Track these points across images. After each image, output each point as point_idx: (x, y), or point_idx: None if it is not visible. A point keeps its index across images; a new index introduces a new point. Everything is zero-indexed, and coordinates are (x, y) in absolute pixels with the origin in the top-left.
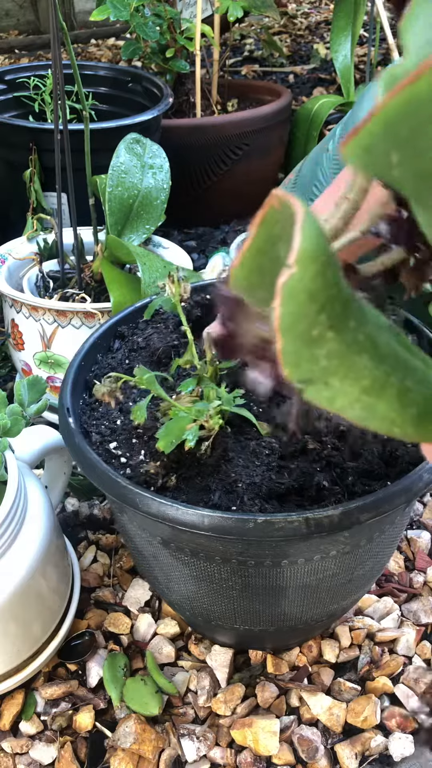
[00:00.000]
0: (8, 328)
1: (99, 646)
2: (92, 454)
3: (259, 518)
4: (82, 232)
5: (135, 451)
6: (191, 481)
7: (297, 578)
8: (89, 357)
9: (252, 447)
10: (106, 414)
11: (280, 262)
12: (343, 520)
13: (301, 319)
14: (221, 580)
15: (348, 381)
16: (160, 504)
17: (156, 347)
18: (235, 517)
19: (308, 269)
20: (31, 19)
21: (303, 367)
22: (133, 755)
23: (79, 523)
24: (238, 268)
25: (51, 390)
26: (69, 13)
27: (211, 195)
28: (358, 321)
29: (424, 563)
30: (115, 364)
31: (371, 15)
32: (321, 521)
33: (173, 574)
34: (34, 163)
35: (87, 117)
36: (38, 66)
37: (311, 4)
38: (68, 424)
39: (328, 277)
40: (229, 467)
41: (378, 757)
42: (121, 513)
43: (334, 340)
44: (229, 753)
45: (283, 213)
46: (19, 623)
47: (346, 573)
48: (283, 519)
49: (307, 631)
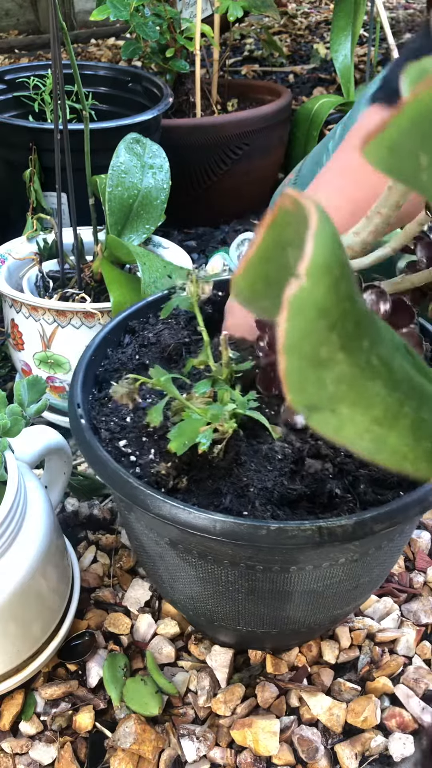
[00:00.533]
0: (8, 328)
1: (99, 646)
2: (102, 452)
3: (273, 525)
4: (82, 232)
5: (145, 450)
6: (202, 483)
7: (304, 584)
8: (99, 351)
9: (264, 451)
10: (116, 410)
11: (289, 270)
12: (357, 530)
13: (309, 337)
14: (228, 583)
15: (358, 409)
16: (172, 507)
17: (167, 343)
18: (248, 523)
19: (320, 281)
20: (31, 19)
21: (308, 391)
22: (133, 755)
23: (79, 523)
24: (242, 274)
25: (51, 390)
26: (69, 13)
27: (211, 195)
28: (372, 341)
29: (424, 563)
30: (125, 360)
31: (371, 15)
32: (334, 530)
33: (179, 574)
34: (34, 163)
35: (87, 117)
36: (38, 66)
37: (311, 4)
38: (78, 420)
39: (342, 291)
40: (241, 471)
41: (378, 757)
42: (129, 512)
43: (345, 362)
44: (229, 753)
45: (296, 215)
46: (19, 623)
47: (353, 580)
48: (297, 527)
49: (309, 633)
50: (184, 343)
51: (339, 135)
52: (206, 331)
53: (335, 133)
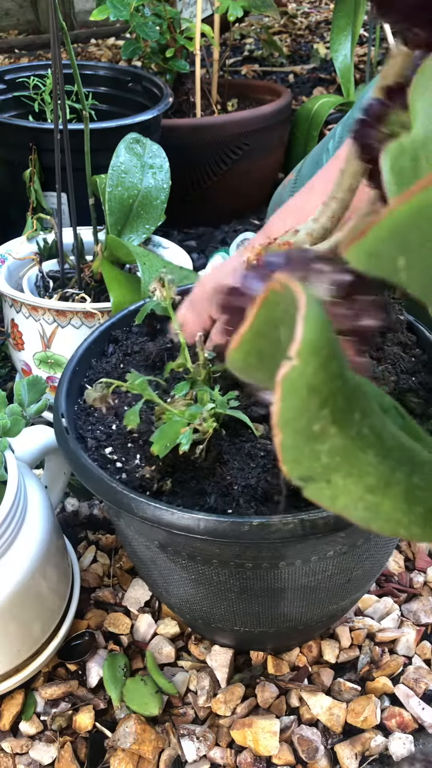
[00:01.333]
0: (8, 328)
1: (99, 646)
2: (87, 460)
3: (255, 521)
4: (82, 232)
5: (131, 456)
6: (187, 484)
7: (295, 579)
8: (83, 362)
9: (247, 449)
10: (102, 419)
11: (281, 346)
12: (339, 521)
13: (302, 414)
14: (219, 583)
15: (351, 479)
16: (156, 509)
17: (150, 351)
18: (230, 520)
19: (311, 362)
20: (31, 19)
21: (304, 464)
22: (133, 755)
23: (79, 523)
24: (236, 349)
25: (51, 390)
26: (69, 13)
27: (212, 195)
28: (363, 412)
29: (424, 563)
30: (109, 369)
31: (371, 15)
32: (316, 522)
33: (172, 577)
34: (34, 163)
35: (87, 117)
36: (38, 66)
37: (311, 4)
38: (63, 430)
39: (332, 370)
40: (225, 470)
41: (378, 757)
42: (118, 518)
43: (338, 435)
44: (229, 753)
45: (285, 296)
46: (19, 623)
47: (345, 573)
48: (279, 521)
49: (308, 631)
50: (167, 349)
51: (339, 135)
52: (182, 334)
53: (335, 133)
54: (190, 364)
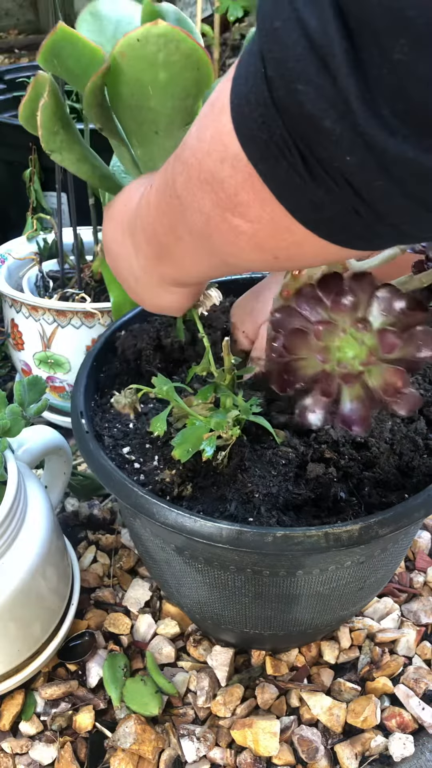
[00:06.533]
0: (8, 327)
1: (99, 646)
2: (108, 462)
3: (279, 532)
4: (82, 232)
5: (149, 457)
6: (207, 490)
7: (310, 587)
8: (100, 357)
9: (269, 456)
10: (118, 416)
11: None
12: (363, 535)
13: (51, 121)
14: (234, 588)
15: (69, 153)
16: (178, 515)
17: (165, 344)
18: (254, 530)
19: (51, 99)
20: (31, 19)
21: (51, 144)
22: (133, 755)
23: (79, 523)
24: (41, 125)
25: (51, 390)
26: (69, 13)
27: None
28: (74, 130)
29: (424, 563)
30: (123, 368)
31: None
32: (340, 536)
33: (185, 579)
34: (34, 163)
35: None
36: (38, 66)
37: None
38: (82, 429)
39: (59, 104)
40: (246, 477)
41: (378, 757)
42: (134, 519)
43: (64, 133)
44: (229, 753)
45: (37, 87)
46: (19, 623)
47: (359, 581)
48: (303, 533)
49: (315, 634)
50: (181, 347)
51: None
52: (206, 337)
53: None
54: (215, 369)
